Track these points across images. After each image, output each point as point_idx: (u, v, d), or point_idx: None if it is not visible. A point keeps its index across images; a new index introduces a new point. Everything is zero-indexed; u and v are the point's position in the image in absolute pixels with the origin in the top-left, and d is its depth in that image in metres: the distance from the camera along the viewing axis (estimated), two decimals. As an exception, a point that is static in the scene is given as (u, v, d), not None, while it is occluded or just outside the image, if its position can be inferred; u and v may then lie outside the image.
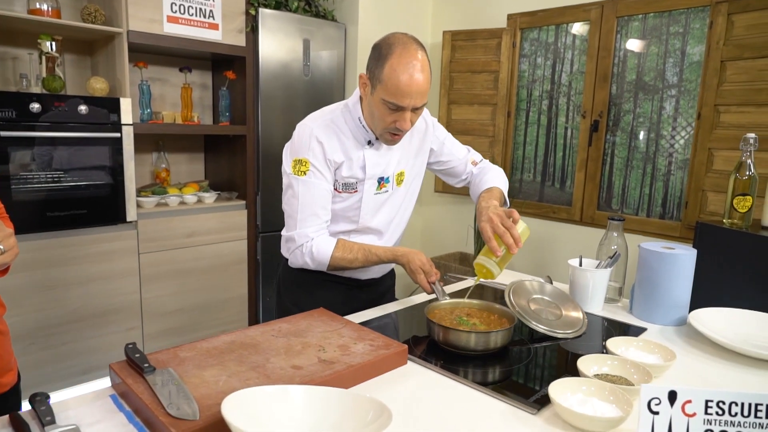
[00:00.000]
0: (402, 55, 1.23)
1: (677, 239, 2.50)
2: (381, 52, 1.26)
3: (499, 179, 1.56)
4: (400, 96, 1.24)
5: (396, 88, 1.23)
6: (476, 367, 1.09)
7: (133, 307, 2.61)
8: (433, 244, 3.64)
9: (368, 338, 1.12)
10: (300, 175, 1.36)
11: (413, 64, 1.23)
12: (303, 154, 1.35)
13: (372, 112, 1.32)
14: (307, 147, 1.34)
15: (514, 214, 1.26)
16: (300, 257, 1.40)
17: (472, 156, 1.63)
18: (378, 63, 1.26)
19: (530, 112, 3.17)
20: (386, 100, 1.25)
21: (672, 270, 1.33)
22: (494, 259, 1.23)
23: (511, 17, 3.13)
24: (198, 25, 2.68)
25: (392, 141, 1.37)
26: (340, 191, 1.41)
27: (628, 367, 1.01)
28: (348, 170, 1.39)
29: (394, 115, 1.28)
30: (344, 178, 1.39)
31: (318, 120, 1.38)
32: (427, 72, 1.26)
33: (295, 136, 1.39)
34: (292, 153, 1.38)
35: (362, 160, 1.39)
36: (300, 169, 1.35)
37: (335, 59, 3.26)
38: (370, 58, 1.31)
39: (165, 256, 2.69)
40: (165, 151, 3.04)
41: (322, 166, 1.36)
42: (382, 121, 1.31)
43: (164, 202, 2.75)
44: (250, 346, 1.06)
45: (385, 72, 1.24)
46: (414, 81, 1.23)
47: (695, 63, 2.48)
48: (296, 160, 1.36)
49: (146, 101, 2.71)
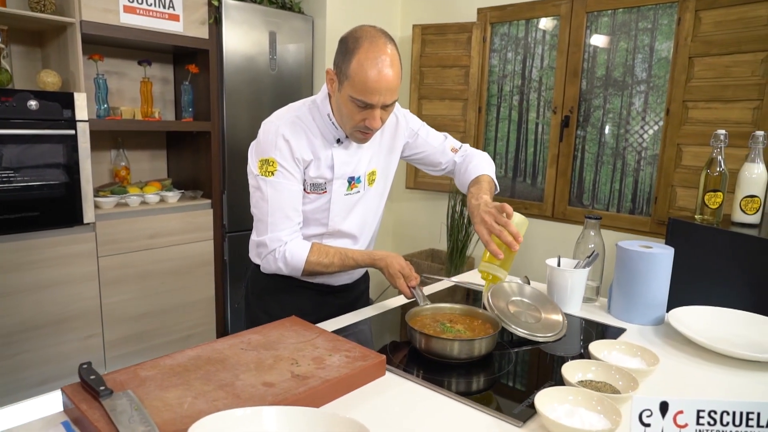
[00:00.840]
0: (370, 50, 1.16)
1: (647, 234, 2.53)
2: (348, 46, 1.19)
3: (485, 165, 1.50)
4: (369, 93, 1.17)
5: (364, 85, 1.16)
6: (459, 376, 1.05)
7: (92, 314, 2.48)
8: (405, 241, 3.60)
9: (344, 349, 1.06)
10: (267, 176, 1.29)
11: (382, 58, 1.16)
12: (269, 154, 1.28)
13: (340, 110, 1.26)
14: (274, 146, 1.28)
15: (507, 209, 1.21)
16: (273, 262, 1.33)
17: (450, 143, 1.56)
18: (345, 58, 1.19)
19: (501, 108, 3.15)
20: (354, 97, 1.19)
21: (650, 269, 1.31)
22: (497, 263, 1.18)
23: (481, 11, 3.10)
24: (157, 15, 2.55)
25: (362, 139, 1.31)
26: (309, 192, 1.34)
27: (612, 373, 0.98)
28: (316, 170, 1.32)
29: (363, 112, 1.22)
30: (312, 178, 1.33)
31: (284, 117, 1.31)
32: (397, 67, 1.19)
33: (260, 135, 1.32)
34: (258, 153, 1.31)
35: (330, 159, 1.33)
36: (267, 169, 1.29)
37: (302, 53, 3.17)
38: (336, 52, 1.23)
39: (126, 259, 2.56)
40: (124, 148, 2.90)
41: (291, 166, 1.29)
42: (351, 119, 1.24)
43: (124, 203, 2.62)
44: (217, 361, 0.99)
45: (352, 67, 1.17)
46: (383, 77, 1.16)
47: (663, 59, 2.50)
48: (263, 160, 1.29)
49: (103, 96, 2.57)
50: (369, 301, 1.66)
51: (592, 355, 1.06)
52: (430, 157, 1.55)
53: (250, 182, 1.35)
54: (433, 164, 1.57)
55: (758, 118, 2.09)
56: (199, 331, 2.92)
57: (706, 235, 1.78)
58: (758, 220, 1.77)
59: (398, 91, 1.23)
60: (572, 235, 2.81)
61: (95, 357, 2.52)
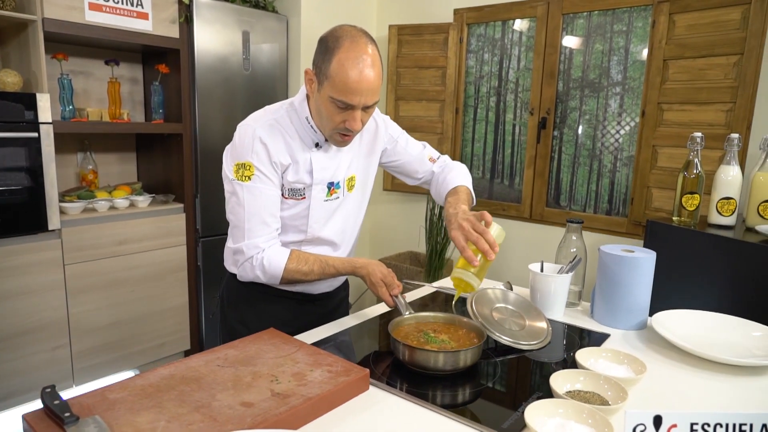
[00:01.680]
0: (351, 49, 1.13)
1: (624, 235, 2.55)
2: (327, 45, 1.15)
3: (462, 176, 1.48)
4: (350, 93, 1.14)
5: (344, 85, 1.13)
6: (444, 389, 1.02)
7: (58, 324, 2.38)
8: (383, 244, 3.56)
9: (325, 363, 1.02)
10: (244, 181, 1.24)
11: (363, 58, 1.13)
12: (246, 158, 1.23)
13: (320, 111, 1.22)
14: (250, 149, 1.23)
15: (486, 217, 1.19)
16: (250, 270, 1.28)
17: (428, 152, 1.54)
18: (324, 57, 1.15)
19: (478, 109, 3.15)
20: (334, 97, 1.15)
21: (632, 274, 1.31)
22: (472, 270, 1.13)
23: (458, 12, 3.09)
24: (125, 13, 2.46)
25: (342, 142, 1.27)
26: (287, 197, 1.29)
27: (601, 383, 0.97)
28: (294, 174, 1.28)
29: (343, 114, 1.18)
30: (290, 183, 1.28)
31: (260, 120, 1.27)
32: (378, 68, 1.16)
33: (236, 138, 1.27)
34: (233, 156, 1.26)
35: (309, 163, 1.29)
36: (243, 174, 1.24)
37: (277, 53, 3.10)
38: (316, 52, 1.20)
39: (94, 267, 2.46)
40: (91, 151, 2.79)
41: (268, 170, 1.25)
42: (331, 121, 1.21)
43: (92, 208, 2.52)
44: (192, 380, 0.94)
45: (332, 67, 1.13)
46: (364, 77, 1.13)
47: (638, 61, 2.52)
48: (239, 164, 1.24)
49: (67, 97, 2.47)
50: (349, 308, 1.62)
51: (579, 364, 1.05)
52: (408, 166, 1.52)
53: (225, 187, 1.30)
54: (411, 173, 1.54)
55: (731, 120, 2.12)
56: (172, 339, 2.83)
57: (684, 236, 1.79)
58: (734, 221, 1.79)
59: (379, 92, 1.20)
60: (550, 236, 2.82)
61: (62, 369, 2.41)
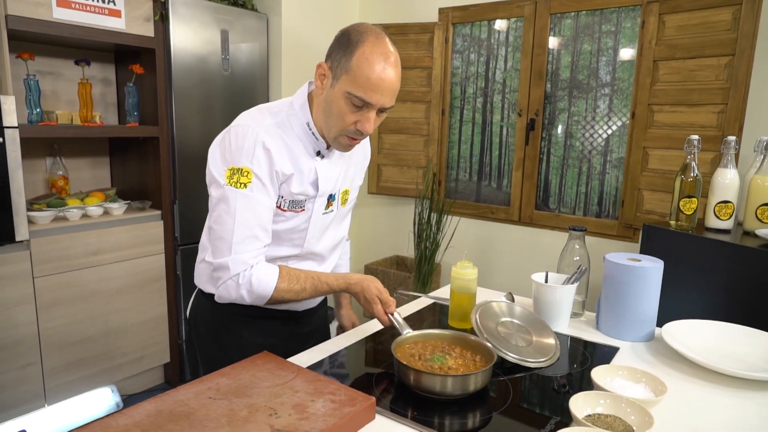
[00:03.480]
0: (376, 44, 1.06)
1: (615, 238, 2.52)
2: (350, 38, 1.08)
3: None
4: (370, 90, 1.06)
5: (367, 80, 1.05)
6: (453, 414, 0.95)
7: (28, 340, 2.24)
8: (369, 249, 3.48)
9: (327, 391, 0.94)
10: (239, 188, 1.12)
11: (388, 56, 1.07)
12: (244, 163, 1.12)
13: (329, 110, 1.12)
14: (250, 154, 1.11)
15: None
16: (234, 290, 1.15)
17: None
18: (346, 50, 1.07)
19: (465, 110, 3.09)
20: (352, 93, 1.07)
21: (640, 283, 1.26)
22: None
23: (443, 11, 3.03)
24: (95, 11, 2.32)
25: (347, 147, 1.18)
26: (285, 209, 1.19)
27: (623, 407, 0.91)
28: (299, 185, 1.18)
29: (357, 113, 1.10)
30: (293, 194, 1.18)
31: (262, 122, 1.15)
32: (399, 70, 1.10)
33: (232, 140, 1.14)
34: (228, 159, 1.13)
35: (314, 173, 1.19)
36: (239, 180, 1.12)
37: (257, 53, 3.00)
38: (333, 45, 1.11)
39: (66, 279, 2.33)
40: (61, 156, 2.64)
41: (267, 179, 1.13)
42: (341, 121, 1.11)
43: (63, 216, 2.38)
44: (182, 416, 0.85)
45: (354, 60, 1.05)
46: (387, 75, 1.06)
47: (627, 62, 2.50)
48: (234, 169, 1.12)
49: (35, 99, 2.32)
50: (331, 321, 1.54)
51: (596, 384, 0.99)
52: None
53: (211, 192, 1.17)
54: None
55: (723, 122, 2.10)
56: (151, 352, 2.70)
57: (682, 241, 1.76)
58: (731, 225, 1.77)
59: (395, 97, 1.12)
60: (540, 239, 2.79)
61: (33, 388, 2.27)
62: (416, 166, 3.12)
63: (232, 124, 1.16)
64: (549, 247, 2.73)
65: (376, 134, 3.20)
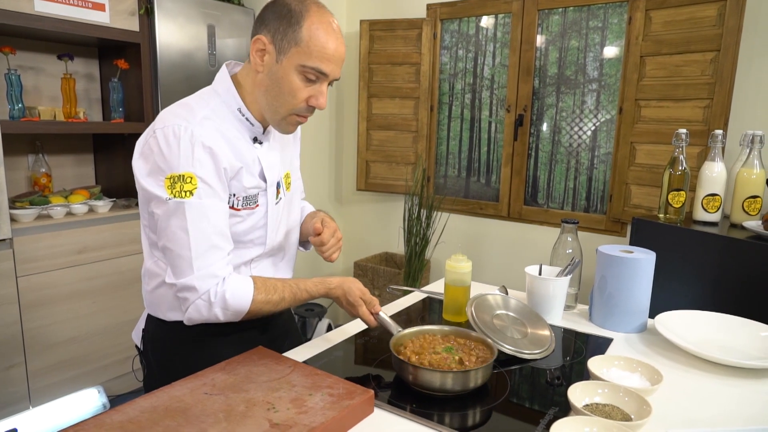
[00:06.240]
0: (321, 13, 1.03)
1: (603, 232, 2.55)
2: (292, 8, 1.01)
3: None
4: (326, 60, 1.02)
5: (322, 50, 1.01)
6: (453, 408, 0.95)
7: (12, 341, 2.19)
8: (357, 246, 3.47)
9: (325, 385, 0.93)
10: (185, 197, 0.99)
11: (334, 26, 1.05)
12: (185, 168, 0.99)
13: (277, 88, 1.04)
14: (190, 156, 0.99)
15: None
16: (206, 309, 1.03)
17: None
18: (290, 22, 1.00)
19: (453, 106, 3.09)
20: (307, 65, 1.01)
21: (633, 275, 1.27)
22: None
23: (431, 7, 3.03)
24: (79, 4, 2.28)
25: (294, 127, 1.11)
26: (239, 209, 1.08)
27: (621, 395, 0.91)
28: (250, 178, 1.08)
29: (310, 88, 1.04)
30: (247, 189, 1.08)
31: (192, 118, 1.02)
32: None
33: (161, 145, 0.99)
34: (163, 168, 0.99)
35: (258, 163, 1.10)
36: (183, 188, 0.99)
37: (244, 48, 2.97)
38: (270, 18, 1.03)
39: (50, 278, 2.28)
40: (44, 153, 2.59)
41: (215, 181, 1.02)
42: (294, 98, 1.04)
43: (46, 214, 2.33)
44: (177, 412, 0.83)
45: (304, 32, 1.00)
46: (339, 45, 1.04)
47: (614, 58, 2.52)
48: (174, 177, 0.99)
49: (16, 94, 2.27)
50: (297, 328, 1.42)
51: (592, 374, 0.99)
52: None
53: (154, 211, 1.02)
54: None
55: (709, 116, 2.13)
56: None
57: (671, 234, 1.78)
58: (719, 218, 1.79)
59: None
60: (529, 234, 2.80)
61: (17, 390, 2.22)
62: (405, 163, 3.12)
63: (154, 127, 1.02)
64: (538, 242, 2.75)
65: (364, 130, 3.19)
